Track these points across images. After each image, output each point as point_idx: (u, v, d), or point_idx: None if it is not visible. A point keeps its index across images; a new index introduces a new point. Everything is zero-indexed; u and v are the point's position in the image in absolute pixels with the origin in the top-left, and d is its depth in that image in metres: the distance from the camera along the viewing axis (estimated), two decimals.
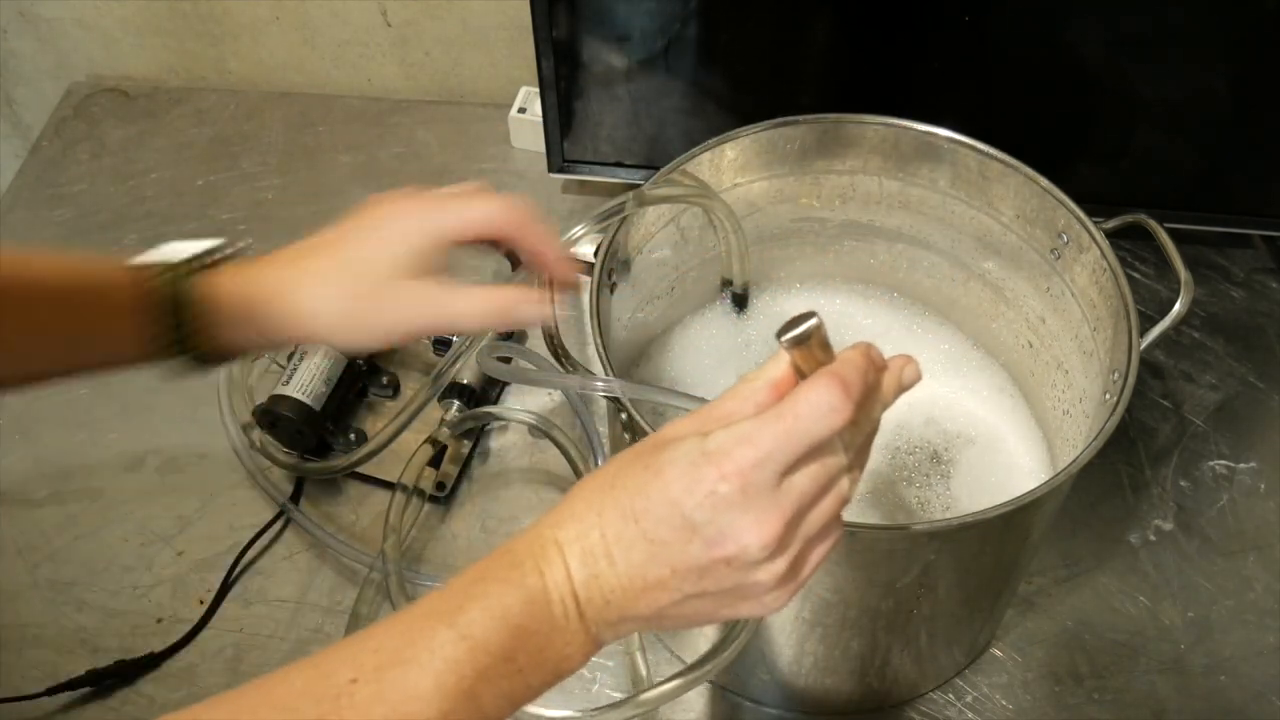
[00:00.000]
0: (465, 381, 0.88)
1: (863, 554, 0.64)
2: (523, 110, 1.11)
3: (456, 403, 0.88)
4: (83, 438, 0.93)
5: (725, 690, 0.79)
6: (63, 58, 1.23)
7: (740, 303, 0.87)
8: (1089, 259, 0.72)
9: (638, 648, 0.75)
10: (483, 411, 0.88)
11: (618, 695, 0.78)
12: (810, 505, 0.46)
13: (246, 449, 0.87)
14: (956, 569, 0.67)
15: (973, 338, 0.88)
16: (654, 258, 0.80)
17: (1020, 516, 0.64)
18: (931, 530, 0.65)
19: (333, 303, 0.58)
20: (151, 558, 0.86)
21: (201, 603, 0.83)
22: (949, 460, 0.82)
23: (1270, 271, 1.02)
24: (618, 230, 0.73)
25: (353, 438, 0.89)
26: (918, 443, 0.82)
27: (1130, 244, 1.01)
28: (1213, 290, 1.00)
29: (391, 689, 0.43)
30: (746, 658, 0.73)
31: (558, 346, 0.68)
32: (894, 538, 0.63)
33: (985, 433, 0.83)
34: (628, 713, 0.60)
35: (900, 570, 0.65)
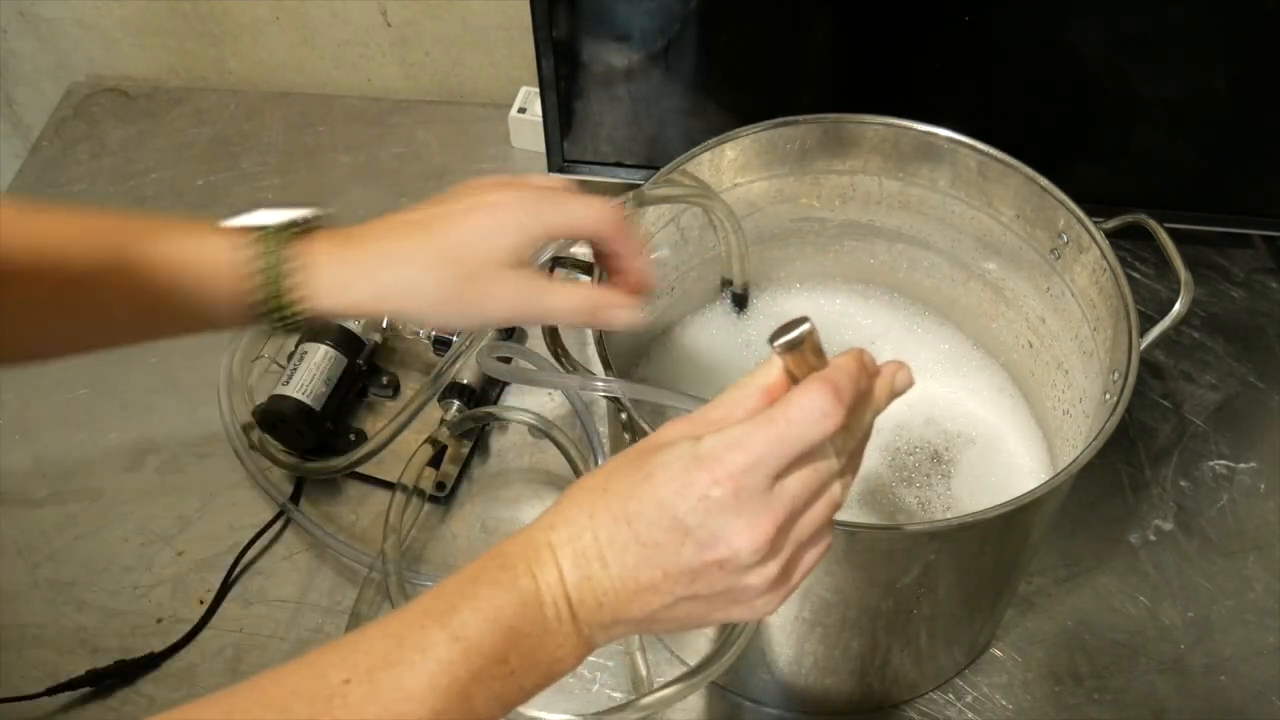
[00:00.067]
0: (465, 381, 0.88)
1: (863, 554, 0.64)
2: (523, 110, 1.11)
3: (456, 403, 0.88)
4: (83, 438, 0.93)
5: (725, 690, 0.79)
6: (63, 58, 1.23)
7: (740, 303, 0.87)
8: (1089, 259, 0.72)
9: (638, 648, 0.75)
10: (483, 411, 0.88)
11: (618, 695, 0.78)
12: (802, 509, 0.46)
13: (246, 449, 0.87)
14: (956, 569, 0.67)
15: (973, 338, 0.88)
16: (654, 258, 0.80)
17: (1020, 516, 0.64)
18: (931, 530, 0.65)
19: (429, 282, 0.57)
20: (151, 558, 0.86)
21: (201, 603, 0.83)
22: (949, 460, 0.82)
23: (1270, 271, 1.02)
24: None
25: (353, 438, 0.89)
26: (918, 443, 0.82)
27: (1130, 244, 1.01)
28: (1213, 290, 1.00)
29: (384, 690, 0.43)
30: (747, 658, 0.73)
31: (558, 346, 0.68)
32: (894, 538, 0.63)
33: (985, 433, 0.83)
34: (628, 716, 0.61)
35: (900, 570, 0.65)
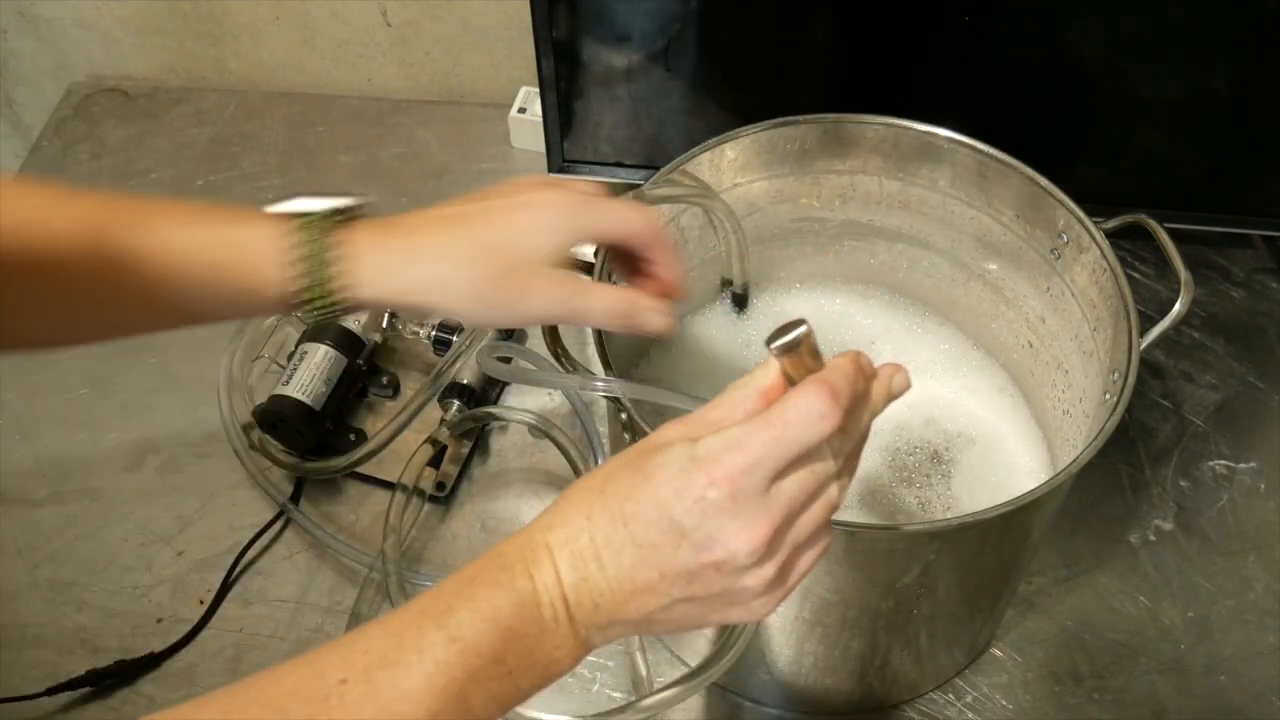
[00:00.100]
0: (465, 381, 0.88)
1: (863, 554, 0.64)
2: (523, 110, 1.11)
3: (456, 403, 0.88)
4: (83, 438, 0.93)
5: (725, 690, 0.79)
6: (63, 58, 1.23)
7: (740, 303, 0.87)
8: (1089, 259, 0.72)
9: (638, 648, 0.75)
10: (483, 411, 0.88)
11: (618, 695, 0.78)
12: (799, 511, 0.46)
13: (246, 449, 0.87)
14: (956, 569, 0.67)
15: (973, 338, 0.88)
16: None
17: (1020, 516, 0.64)
18: (931, 530, 0.65)
19: (468, 277, 0.56)
20: (151, 558, 0.86)
21: (201, 603, 0.83)
22: (949, 460, 0.82)
23: (1270, 271, 1.02)
24: None
25: (353, 438, 0.89)
26: (918, 443, 0.82)
27: (1130, 244, 1.01)
28: (1213, 290, 1.00)
29: (381, 690, 0.43)
30: (746, 658, 0.73)
31: (558, 346, 0.68)
32: (894, 538, 0.63)
33: (985, 433, 0.83)
34: (628, 718, 0.61)
35: (900, 570, 0.65)
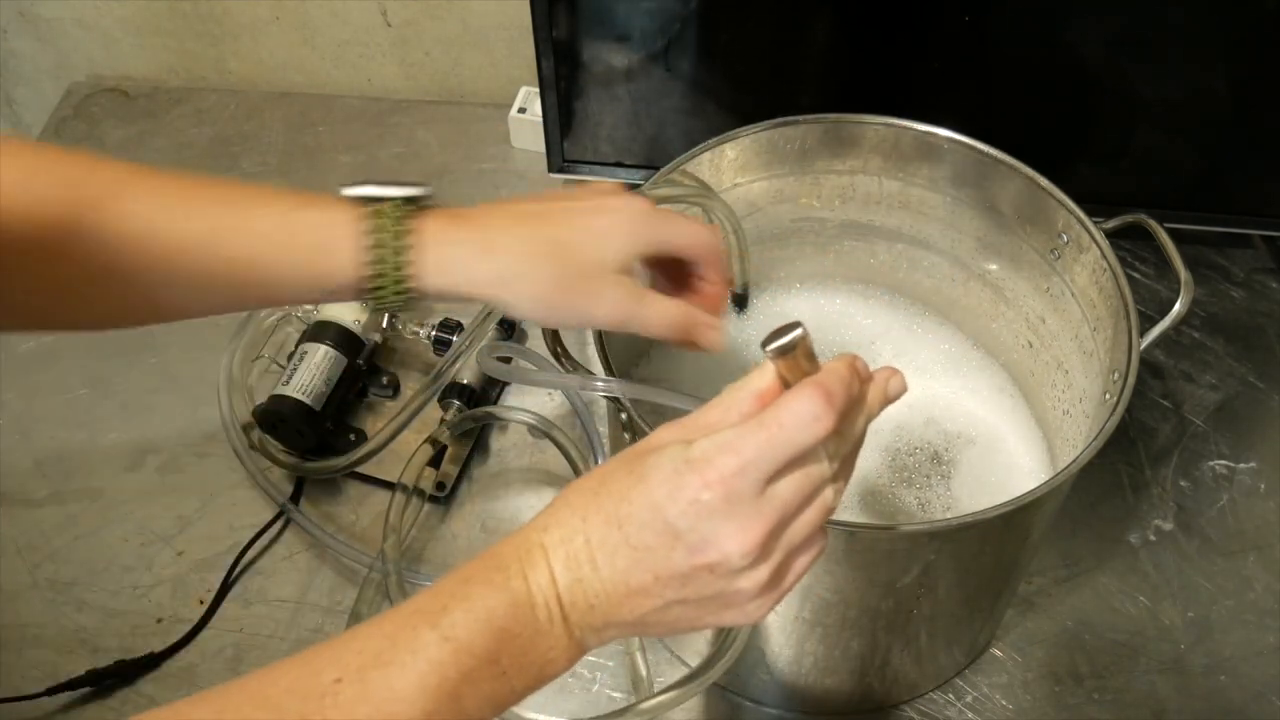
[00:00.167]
0: (465, 381, 0.88)
1: (863, 554, 0.64)
2: (523, 110, 1.11)
3: (456, 403, 0.88)
4: (83, 438, 0.93)
5: (725, 690, 0.79)
6: (63, 58, 1.23)
7: (740, 303, 0.86)
8: (1089, 259, 0.72)
9: (637, 648, 0.75)
10: (483, 411, 0.88)
11: (617, 695, 0.78)
12: (793, 514, 0.46)
13: (246, 449, 0.87)
14: (956, 569, 0.67)
15: (973, 338, 0.88)
16: None
17: (1020, 516, 0.64)
18: (931, 530, 0.65)
19: (537, 274, 0.57)
20: (151, 558, 0.86)
21: (201, 603, 0.83)
22: (949, 461, 0.82)
23: (1270, 271, 1.02)
24: None
25: (353, 438, 0.89)
26: (918, 443, 0.82)
27: (1130, 244, 1.01)
28: (1213, 290, 1.00)
29: (375, 689, 0.43)
30: (746, 658, 0.73)
31: (558, 346, 0.68)
32: (894, 538, 0.63)
33: (985, 433, 0.83)
34: None
35: (900, 570, 0.65)
